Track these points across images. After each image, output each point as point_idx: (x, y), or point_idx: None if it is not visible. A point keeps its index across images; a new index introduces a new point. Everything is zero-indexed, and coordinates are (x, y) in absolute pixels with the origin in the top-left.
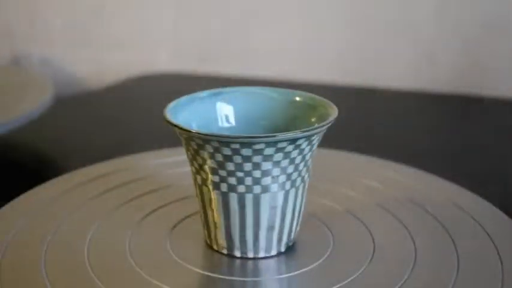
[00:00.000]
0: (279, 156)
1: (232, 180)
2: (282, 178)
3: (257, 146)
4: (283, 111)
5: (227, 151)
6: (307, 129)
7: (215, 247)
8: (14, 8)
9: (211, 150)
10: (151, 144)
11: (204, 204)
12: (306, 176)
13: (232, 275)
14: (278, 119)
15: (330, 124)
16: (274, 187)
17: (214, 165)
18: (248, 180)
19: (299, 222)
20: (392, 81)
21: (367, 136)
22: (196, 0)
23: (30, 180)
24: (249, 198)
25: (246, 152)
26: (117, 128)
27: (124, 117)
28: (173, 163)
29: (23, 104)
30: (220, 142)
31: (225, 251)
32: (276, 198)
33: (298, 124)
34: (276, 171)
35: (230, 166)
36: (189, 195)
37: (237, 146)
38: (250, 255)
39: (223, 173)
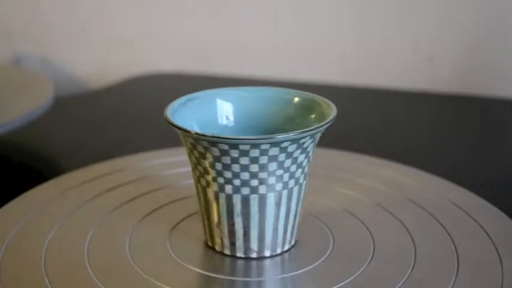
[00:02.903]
0: (282, 156)
1: (237, 182)
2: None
3: (263, 147)
4: (282, 111)
5: (235, 153)
6: (308, 129)
7: (216, 248)
8: (14, 8)
9: (218, 153)
10: (151, 144)
11: (207, 205)
12: (307, 175)
13: (231, 275)
14: (277, 118)
15: (329, 124)
16: (279, 186)
17: (220, 167)
18: (254, 182)
19: (297, 222)
20: (393, 81)
21: (367, 136)
22: (196, 0)
23: (30, 180)
24: (253, 198)
25: (253, 153)
26: (117, 128)
27: (124, 117)
28: (173, 163)
29: (23, 104)
30: (229, 144)
31: (226, 251)
32: (278, 198)
33: (297, 124)
34: (279, 171)
35: (236, 168)
36: (189, 195)
37: (247, 147)
38: (250, 255)
39: (228, 174)
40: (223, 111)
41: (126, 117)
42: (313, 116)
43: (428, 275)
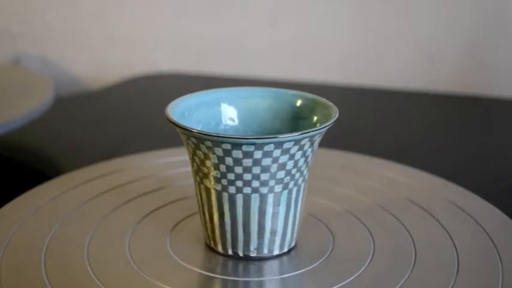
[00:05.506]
0: (285, 157)
1: (239, 183)
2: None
3: (267, 148)
4: (284, 112)
5: (237, 153)
6: (310, 130)
7: (217, 248)
8: (14, 8)
9: (221, 153)
10: (151, 144)
11: (209, 206)
12: (306, 176)
13: (232, 275)
14: (279, 119)
15: (331, 125)
16: (279, 187)
17: (223, 169)
18: (255, 182)
19: (299, 223)
20: (393, 81)
21: (367, 136)
22: (196, 0)
23: (30, 180)
24: (254, 199)
25: (256, 154)
26: (117, 128)
27: (124, 117)
28: (173, 163)
29: (23, 104)
30: (232, 144)
31: (226, 251)
32: (280, 199)
33: (299, 125)
34: (281, 173)
35: (238, 169)
36: (189, 195)
37: (251, 148)
38: (251, 255)
39: (231, 176)
40: (223, 112)
41: (126, 117)
42: (315, 119)
43: (429, 275)
